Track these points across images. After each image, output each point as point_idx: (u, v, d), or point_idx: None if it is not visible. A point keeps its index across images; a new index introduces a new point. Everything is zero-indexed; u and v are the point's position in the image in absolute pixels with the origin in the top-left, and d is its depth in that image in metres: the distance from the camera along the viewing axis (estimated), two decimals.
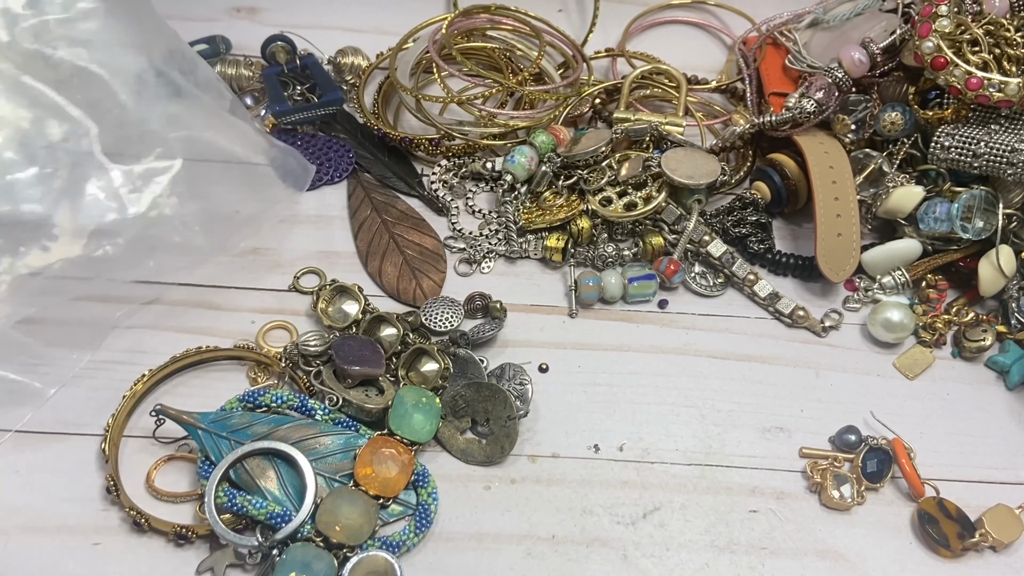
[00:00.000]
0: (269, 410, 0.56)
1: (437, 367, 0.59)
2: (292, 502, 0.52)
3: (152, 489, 0.54)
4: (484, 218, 0.70)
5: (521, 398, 0.59)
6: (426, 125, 0.73)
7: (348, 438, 0.55)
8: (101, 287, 0.60)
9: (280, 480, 0.53)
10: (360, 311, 0.61)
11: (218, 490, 0.52)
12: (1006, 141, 0.63)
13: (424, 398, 0.57)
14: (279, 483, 0.53)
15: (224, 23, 0.79)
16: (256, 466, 0.53)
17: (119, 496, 0.53)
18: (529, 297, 0.66)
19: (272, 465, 0.54)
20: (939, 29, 0.64)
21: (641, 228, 0.68)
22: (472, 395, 0.58)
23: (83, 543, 0.53)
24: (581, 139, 0.70)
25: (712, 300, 0.67)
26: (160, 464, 0.55)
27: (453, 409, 0.58)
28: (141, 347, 0.60)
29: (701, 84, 0.79)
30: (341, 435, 0.55)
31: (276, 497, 0.53)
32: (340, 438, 0.55)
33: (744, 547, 0.55)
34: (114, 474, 0.53)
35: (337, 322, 0.61)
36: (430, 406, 0.57)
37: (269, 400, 0.56)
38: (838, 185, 0.67)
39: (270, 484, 0.53)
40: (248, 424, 0.55)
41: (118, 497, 0.53)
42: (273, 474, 0.53)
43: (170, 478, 0.55)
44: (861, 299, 0.67)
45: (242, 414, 0.55)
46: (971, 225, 0.65)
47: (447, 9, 0.80)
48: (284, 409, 0.56)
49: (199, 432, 0.54)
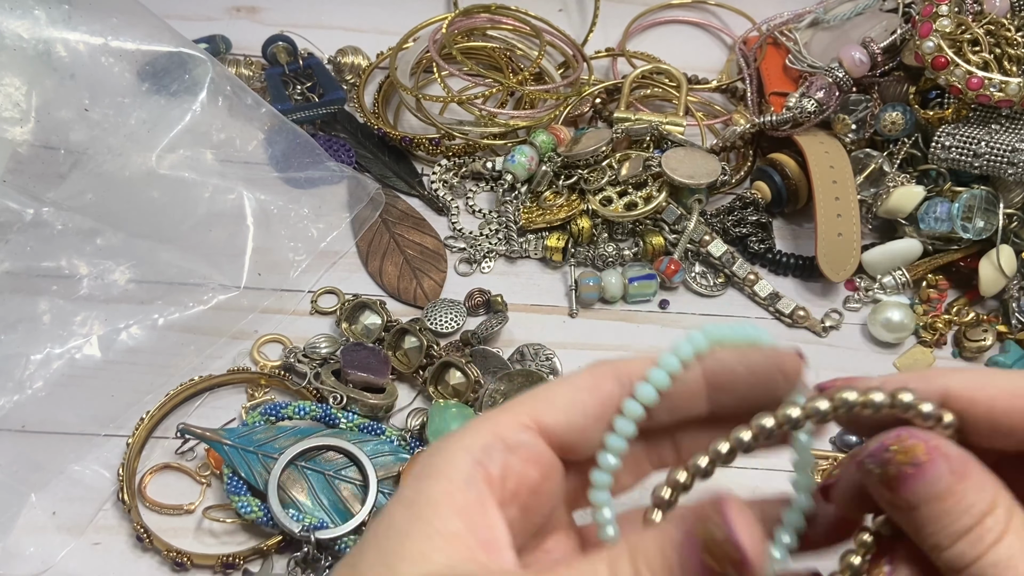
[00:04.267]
0: (292, 422, 0.56)
1: (466, 380, 0.59)
2: (326, 513, 0.53)
3: (144, 498, 0.54)
4: (484, 218, 0.70)
5: (555, 373, 0.59)
6: (426, 125, 0.73)
7: (375, 444, 0.55)
8: None
9: (311, 491, 0.53)
10: (383, 327, 0.61)
11: (252, 503, 0.52)
12: (1007, 141, 0.63)
13: (455, 408, 0.57)
14: (310, 494, 0.53)
15: (223, 22, 0.79)
16: (287, 477, 0.53)
17: (152, 542, 0.52)
18: (529, 297, 0.66)
19: (303, 476, 0.54)
20: (940, 29, 0.64)
21: (641, 228, 0.68)
22: (507, 387, 0.58)
23: (83, 543, 0.53)
24: (581, 139, 0.70)
25: (713, 300, 0.67)
26: (153, 473, 0.55)
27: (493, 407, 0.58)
28: None
29: (701, 84, 0.79)
30: (368, 442, 0.55)
31: (309, 508, 0.53)
32: (367, 445, 0.55)
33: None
34: (141, 523, 0.53)
35: (362, 338, 0.61)
36: (466, 414, 0.57)
37: (291, 412, 0.56)
38: (838, 185, 0.67)
39: (301, 495, 0.53)
40: (274, 437, 0.55)
41: (151, 543, 0.52)
42: (304, 485, 0.53)
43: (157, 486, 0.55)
44: (861, 299, 0.67)
45: (266, 428, 0.55)
46: (972, 225, 0.65)
47: (447, 9, 0.80)
48: (308, 420, 0.56)
49: (225, 448, 0.54)
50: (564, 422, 0.31)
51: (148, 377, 0.58)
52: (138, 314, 0.60)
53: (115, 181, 0.61)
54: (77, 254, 0.60)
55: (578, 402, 0.31)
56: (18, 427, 0.56)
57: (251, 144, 0.65)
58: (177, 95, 0.62)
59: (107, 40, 0.60)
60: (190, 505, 0.54)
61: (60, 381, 0.57)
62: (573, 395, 0.31)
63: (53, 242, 0.60)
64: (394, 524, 0.28)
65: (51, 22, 0.59)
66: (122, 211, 0.62)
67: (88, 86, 0.60)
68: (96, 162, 0.61)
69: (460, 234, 0.69)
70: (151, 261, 0.62)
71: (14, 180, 0.60)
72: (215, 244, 0.63)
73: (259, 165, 0.66)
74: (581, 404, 0.31)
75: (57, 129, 0.61)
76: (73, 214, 0.61)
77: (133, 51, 0.60)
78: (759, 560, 0.25)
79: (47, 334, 0.58)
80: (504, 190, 0.68)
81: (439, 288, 0.66)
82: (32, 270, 0.60)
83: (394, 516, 0.29)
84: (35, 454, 0.55)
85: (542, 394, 0.32)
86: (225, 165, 0.64)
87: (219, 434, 0.54)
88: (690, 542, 0.26)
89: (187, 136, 0.62)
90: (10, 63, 0.59)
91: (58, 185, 0.61)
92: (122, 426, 0.57)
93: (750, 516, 0.26)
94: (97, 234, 0.61)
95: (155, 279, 0.62)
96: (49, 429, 0.56)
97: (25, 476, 0.54)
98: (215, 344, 0.60)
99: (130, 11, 0.61)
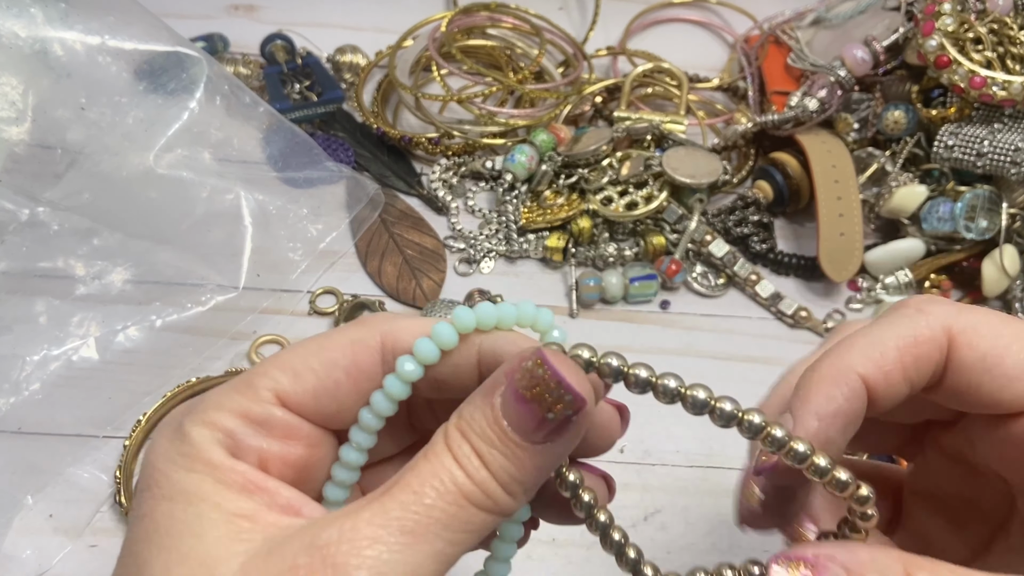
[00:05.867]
0: None
1: None
2: None
3: None
4: (484, 217, 0.70)
5: None
6: (425, 124, 0.72)
7: None
8: None
9: None
10: None
11: None
12: (1010, 140, 0.63)
13: None
14: None
15: (221, 21, 0.79)
16: None
17: None
18: (529, 297, 0.65)
19: None
20: (942, 27, 0.63)
21: (642, 228, 0.68)
22: None
23: (80, 545, 0.52)
24: (582, 138, 0.70)
25: (714, 300, 0.67)
26: None
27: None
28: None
29: (703, 83, 0.78)
30: None
31: None
32: None
33: (746, 550, 0.55)
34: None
35: None
36: None
37: None
38: (841, 184, 0.66)
39: None
40: None
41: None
42: None
43: None
44: (864, 299, 0.67)
45: None
46: (975, 225, 0.65)
47: (447, 7, 0.80)
48: None
49: None
50: (312, 404, 0.29)
51: (145, 378, 0.58)
52: (135, 315, 0.60)
53: (112, 181, 0.61)
54: (74, 254, 0.60)
55: (329, 383, 0.29)
56: (14, 429, 0.55)
57: (249, 143, 0.65)
58: (175, 94, 0.62)
59: (104, 39, 0.59)
60: None
61: (57, 382, 0.57)
62: (326, 373, 0.29)
63: (50, 242, 0.60)
64: (170, 529, 0.26)
65: (48, 21, 0.59)
66: (119, 211, 0.61)
67: (85, 85, 0.60)
68: (93, 161, 0.61)
69: (459, 234, 0.68)
70: (149, 262, 0.61)
71: (10, 180, 0.60)
72: (213, 244, 0.62)
73: (257, 165, 0.66)
74: (333, 384, 0.29)
75: (54, 128, 0.60)
76: (70, 214, 0.60)
77: (130, 50, 0.60)
78: (587, 390, 0.27)
79: (44, 335, 0.58)
80: (504, 190, 0.68)
81: (438, 288, 0.65)
82: (28, 271, 0.60)
83: (162, 518, 0.26)
84: (32, 456, 0.55)
85: (289, 362, 0.29)
86: (223, 165, 0.64)
87: None
88: (513, 390, 0.26)
89: (185, 135, 0.62)
90: (6, 62, 0.58)
91: (55, 185, 0.61)
92: (119, 428, 0.56)
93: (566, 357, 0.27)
94: (94, 234, 0.61)
95: (153, 280, 0.61)
96: (46, 431, 0.56)
97: (22, 478, 0.54)
98: (213, 345, 0.60)
99: (127, 10, 0.61)
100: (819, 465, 0.28)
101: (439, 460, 0.26)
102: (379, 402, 0.29)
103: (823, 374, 0.30)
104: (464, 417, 0.27)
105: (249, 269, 0.62)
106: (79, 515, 0.53)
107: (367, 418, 0.29)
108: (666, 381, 0.28)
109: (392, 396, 0.29)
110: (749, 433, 0.28)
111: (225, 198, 0.63)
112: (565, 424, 0.27)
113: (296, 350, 0.29)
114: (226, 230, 0.63)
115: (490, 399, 0.27)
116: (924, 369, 0.30)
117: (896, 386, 0.30)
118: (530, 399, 0.27)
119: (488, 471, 0.26)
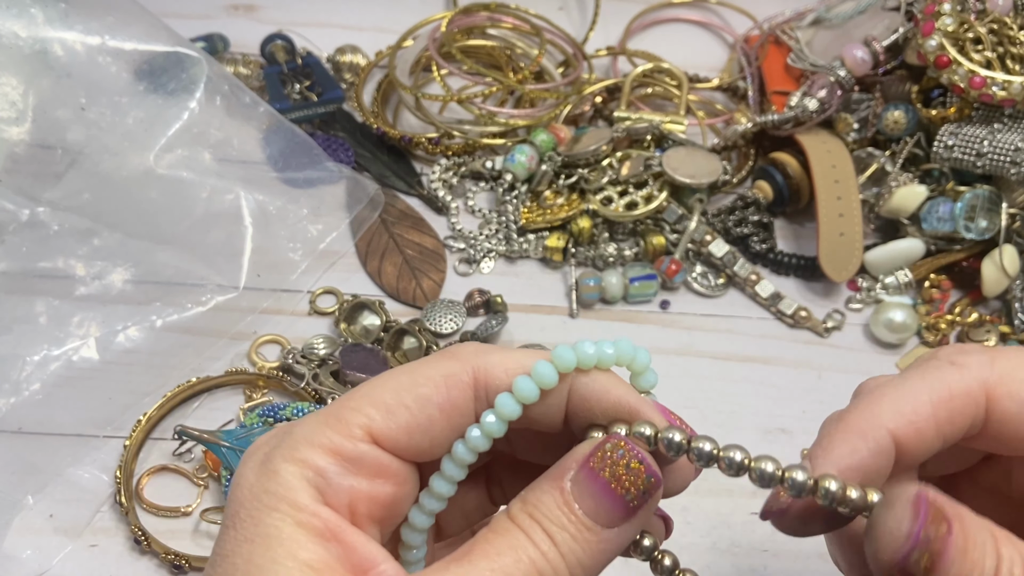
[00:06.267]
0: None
1: None
2: None
3: (141, 500, 0.54)
4: (484, 218, 0.70)
5: None
6: (425, 124, 0.72)
7: None
8: None
9: None
10: (382, 327, 0.61)
11: None
12: (1010, 140, 0.63)
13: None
14: None
15: (221, 21, 0.79)
16: None
17: (150, 545, 0.52)
18: (529, 297, 0.66)
19: None
20: (942, 27, 0.63)
21: (642, 228, 0.68)
22: None
23: (80, 545, 0.52)
24: (582, 138, 0.70)
25: (714, 300, 0.67)
26: (151, 475, 0.55)
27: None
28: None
29: (703, 83, 0.78)
30: None
31: None
32: None
33: (746, 549, 0.55)
34: (138, 526, 0.52)
35: (361, 338, 0.61)
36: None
37: (289, 413, 0.55)
38: (840, 184, 0.66)
39: None
40: None
41: (149, 546, 0.52)
42: None
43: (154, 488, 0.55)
44: (864, 299, 0.67)
45: (264, 429, 0.55)
46: (974, 225, 0.65)
47: (447, 7, 0.80)
48: None
49: (223, 450, 0.53)
50: (405, 441, 0.28)
51: (146, 379, 0.58)
52: (136, 315, 0.60)
53: (112, 181, 0.61)
54: (74, 255, 0.60)
55: (423, 419, 0.28)
56: (15, 429, 0.55)
57: (249, 144, 0.65)
58: (175, 94, 0.62)
59: (104, 39, 0.59)
60: (188, 507, 0.54)
61: (57, 383, 0.57)
62: (419, 409, 0.28)
63: (50, 242, 0.60)
64: (248, 573, 0.25)
65: (48, 21, 0.59)
66: (119, 211, 0.61)
67: (85, 85, 0.60)
68: (93, 162, 0.61)
69: (459, 234, 0.68)
70: (149, 262, 0.61)
71: (10, 180, 0.60)
72: (213, 245, 0.62)
73: (257, 165, 0.66)
74: (427, 421, 0.28)
75: (54, 128, 0.60)
76: (70, 214, 0.60)
77: (130, 50, 0.60)
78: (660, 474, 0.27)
79: (44, 335, 0.58)
80: (504, 190, 0.68)
81: (438, 288, 0.65)
82: (28, 271, 0.60)
83: (241, 562, 0.25)
84: (32, 456, 0.55)
85: (381, 397, 0.28)
86: (223, 165, 0.64)
87: (217, 436, 0.54)
88: (589, 471, 0.27)
89: (185, 135, 0.62)
90: (6, 62, 0.58)
91: (55, 185, 0.61)
92: (119, 428, 0.56)
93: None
94: (94, 234, 0.61)
95: (153, 280, 0.61)
96: (46, 431, 0.56)
97: (22, 478, 0.54)
98: (214, 345, 0.60)
99: (127, 10, 0.61)
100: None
101: (512, 536, 0.26)
102: (476, 439, 0.28)
103: (850, 425, 0.29)
104: (530, 501, 0.27)
105: (249, 269, 0.62)
106: (79, 515, 0.53)
107: (462, 453, 0.29)
108: (732, 454, 0.28)
109: (490, 434, 0.28)
110: (827, 501, 0.27)
111: (225, 198, 0.63)
112: (641, 504, 0.27)
113: (387, 384, 0.28)
114: (226, 230, 0.63)
115: (559, 483, 0.27)
116: (959, 424, 0.29)
117: (929, 442, 0.29)
118: (608, 479, 0.26)
119: (558, 551, 0.26)
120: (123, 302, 0.60)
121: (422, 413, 0.28)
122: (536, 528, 0.26)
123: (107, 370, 0.58)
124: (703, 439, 0.28)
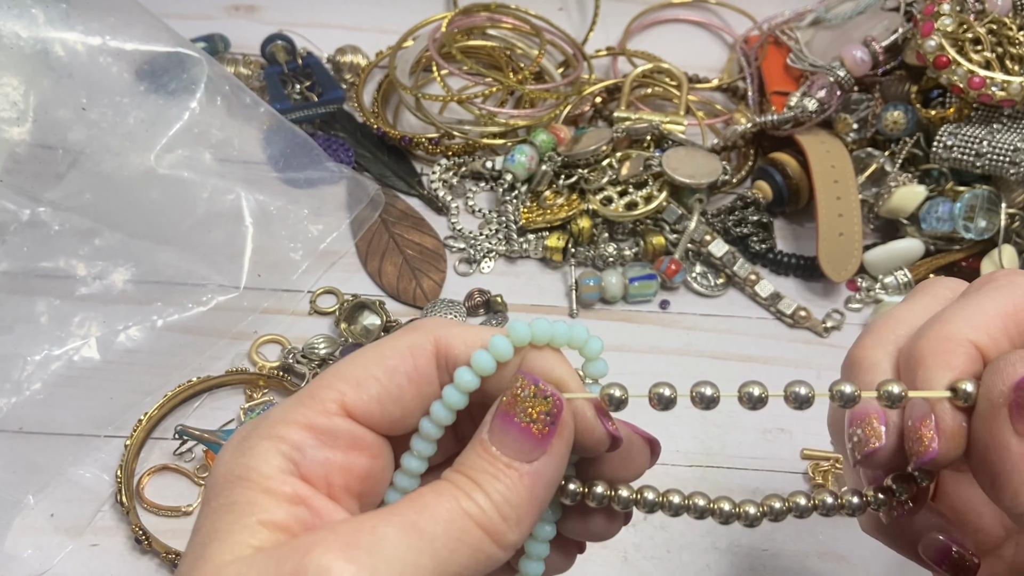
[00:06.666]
0: None
1: None
2: None
3: (142, 499, 0.54)
4: (484, 218, 0.70)
5: None
6: (426, 124, 0.72)
7: None
8: None
9: None
10: (382, 327, 0.61)
11: None
12: (1009, 140, 0.63)
13: None
14: None
15: (222, 21, 0.79)
16: None
17: (151, 544, 0.52)
18: (529, 297, 0.66)
19: None
20: (941, 28, 0.63)
21: (642, 228, 0.68)
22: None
23: (81, 545, 0.52)
24: (582, 138, 0.70)
25: (713, 300, 0.67)
26: (151, 474, 0.55)
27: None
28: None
29: (702, 83, 0.78)
30: None
31: None
32: None
33: (745, 549, 0.55)
34: (139, 525, 0.52)
35: (361, 338, 0.61)
36: None
37: None
38: (840, 184, 0.67)
39: None
40: None
41: (150, 546, 0.52)
42: None
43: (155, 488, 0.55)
44: (863, 299, 0.67)
45: None
46: (974, 225, 0.65)
47: (447, 7, 0.80)
48: None
49: None
50: (377, 412, 0.29)
51: (146, 378, 0.58)
52: (137, 315, 0.60)
53: (113, 181, 0.61)
54: (75, 255, 0.60)
55: (393, 388, 0.29)
56: (16, 428, 0.56)
57: (250, 144, 0.65)
58: (175, 94, 0.62)
59: (105, 40, 0.59)
60: (188, 507, 0.54)
61: (58, 382, 0.57)
62: (388, 379, 0.29)
63: (51, 242, 0.60)
64: (212, 531, 0.26)
65: (49, 21, 0.59)
66: (120, 211, 0.61)
67: (86, 85, 0.60)
68: (94, 162, 0.61)
69: (460, 234, 0.69)
70: (150, 262, 0.61)
71: (11, 180, 0.60)
72: (214, 245, 0.62)
73: (258, 165, 0.66)
74: (397, 390, 0.29)
75: (55, 129, 0.60)
76: (71, 214, 0.60)
77: (131, 51, 0.60)
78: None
79: (45, 335, 0.58)
80: (504, 190, 0.68)
81: (438, 288, 0.65)
82: (30, 271, 0.60)
83: (206, 525, 0.26)
84: (33, 456, 0.55)
85: (351, 372, 0.29)
86: (224, 165, 0.64)
87: (217, 435, 0.54)
88: (503, 415, 0.28)
89: (185, 136, 0.62)
90: (7, 62, 0.59)
91: (56, 185, 0.61)
92: (120, 427, 0.56)
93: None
94: (95, 234, 0.61)
95: (154, 280, 0.61)
96: (47, 430, 0.56)
97: (23, 478, 0.54)
98: (214, 345, 0.60)
99: (128, 10, 0.61)
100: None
101: (442, 489, 0.27)
102: (438, 411, 0.30)
103: (935, 341, 0.30)
104: (459, 460, 0.28)
105: (250, 269, 0.62)
106: (80, 515, 0.53)
107: (428, 427, 0.30)
108: (702, 389, 0.31)
109: (451, 406, 0.30)
110: (888, 402, 0.29)
111: (226, 198, 0.63)
112: (550, 431, 0.28)
113: (355, 360, 0.30)
114: (227, 230, 0.63)
115: (480, 435, 0.28)
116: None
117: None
118: (507, 407, 0.28)
119: (483, 492, 0.27)
120: (124, 302, 0.60)
121: (391, 383, 0.29)
122: (461, 478, 0.28)
123: (108, 370, 0.58)
124: (617, 388, 0.31)
